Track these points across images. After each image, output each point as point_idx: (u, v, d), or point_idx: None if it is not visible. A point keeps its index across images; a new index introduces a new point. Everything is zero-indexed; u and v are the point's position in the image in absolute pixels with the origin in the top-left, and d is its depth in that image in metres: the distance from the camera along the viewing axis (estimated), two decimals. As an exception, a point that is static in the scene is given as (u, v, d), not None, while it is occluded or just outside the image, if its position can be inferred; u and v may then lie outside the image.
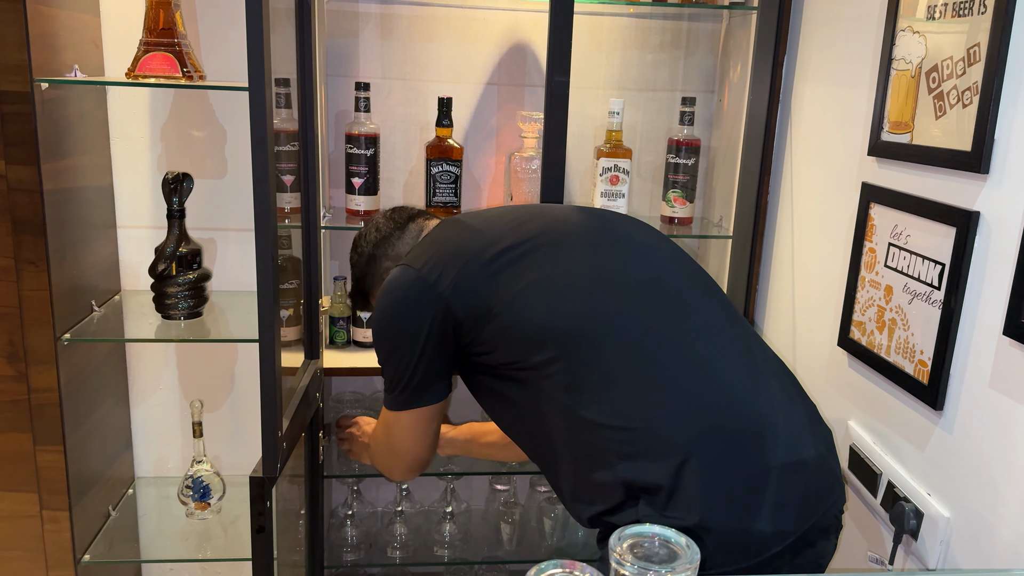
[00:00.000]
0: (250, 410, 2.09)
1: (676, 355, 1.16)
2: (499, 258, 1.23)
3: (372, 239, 1.49)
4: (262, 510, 1.37)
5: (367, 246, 1.49)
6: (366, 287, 1.51)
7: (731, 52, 1.99)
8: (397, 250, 1.45)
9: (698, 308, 1.25)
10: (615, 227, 1.34)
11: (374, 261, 1.48)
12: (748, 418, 1.12)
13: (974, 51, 1.16)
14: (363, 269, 1.50)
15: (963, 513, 1.18)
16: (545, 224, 1.30)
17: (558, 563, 0.73)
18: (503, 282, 1.22)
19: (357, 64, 1.98)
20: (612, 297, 1.21)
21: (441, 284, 1.23)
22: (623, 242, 1.31)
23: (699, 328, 1.21)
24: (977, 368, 1.15)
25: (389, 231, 1.48)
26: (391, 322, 1.29)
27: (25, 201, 1.53)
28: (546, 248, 1.25)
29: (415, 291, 1.25)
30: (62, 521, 1.69)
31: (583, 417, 1.14)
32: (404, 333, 1.26)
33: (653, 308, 1.21)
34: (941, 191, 1.24)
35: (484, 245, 1.26)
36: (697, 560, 0.76)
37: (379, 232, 1.48)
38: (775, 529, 1.08)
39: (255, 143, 1.24)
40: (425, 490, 2.25)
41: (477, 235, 1.29)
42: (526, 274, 1.22)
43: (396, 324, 1.28)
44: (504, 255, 1.24)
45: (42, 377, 1.62)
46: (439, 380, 1.31)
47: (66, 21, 1.63)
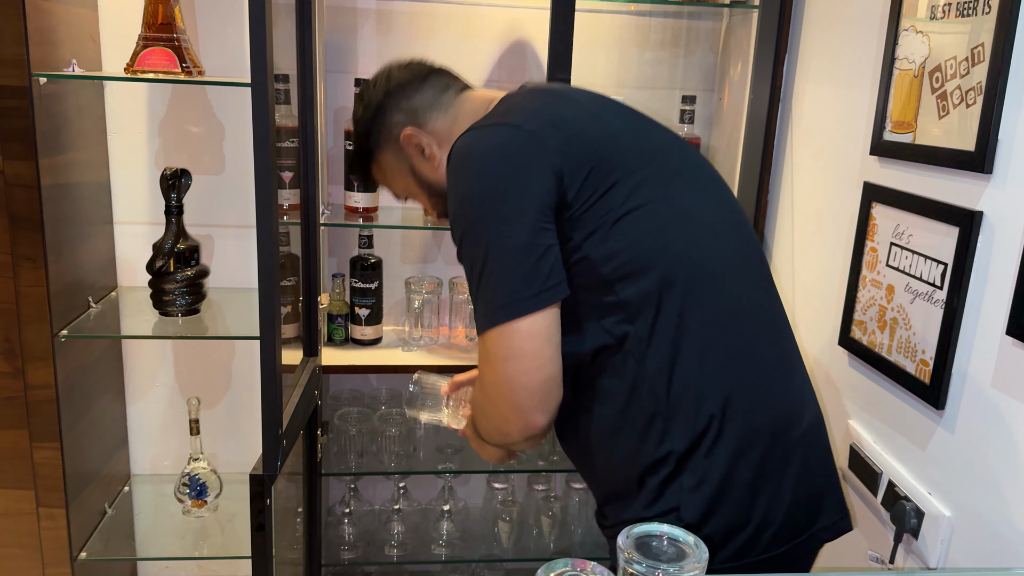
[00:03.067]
0: (247, 408, 2.08)
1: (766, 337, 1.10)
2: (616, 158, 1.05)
3: (383, 87, 1.24)
4: (262, 508, 1.37)
5: (377, 94, 1.24)
6: (370, 146, 1.27)
7: (731, 50, 1.99)
8: (414, 102, 1.22)
9: (774, 293, 1.17)
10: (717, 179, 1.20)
11: (383, 112, 1.23)
12: (805, 423, 1.11)
13: (978, 51, 1.16)
14: (368, 124, 1.25)
15: (964, 512, 1.18)
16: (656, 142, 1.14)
17: (568, 561, 0.72)
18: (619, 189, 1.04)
19: (356, 60, 1.97)
20: (723, 256, 1.09)
21: (554, 141, 1.03)
22: (727, 197, 1.18)
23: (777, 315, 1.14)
24: (980, 368, 1.15)
25: (406, 80, 1.24)
26: (502, 192, 1.01)
27: (22, 197, 1.52)
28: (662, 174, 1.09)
29: (531, 150, 1.02)
30: (59, 518, 1.68)
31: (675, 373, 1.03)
32: (524, 203, 1.00)
33: (751, 281, 1.12)
34: (944, 191, 1.24)
35: (601, 135, 1.07)
36: (705, 559, 0.75)
37: (391, 80, 1.24)
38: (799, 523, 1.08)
39: (257, 139, 1.23)
40: (423, 488, 2.25)
41: (591, 119, 1.10)
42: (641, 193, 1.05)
43: (512, 192, 1.00)
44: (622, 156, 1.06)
45: (39, 374, 1.61)
46: (562, 267, 1.03)
47: (64, 15, 1.62)
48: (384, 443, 2.00)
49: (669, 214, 1.07)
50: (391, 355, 1.95)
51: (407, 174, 1.26)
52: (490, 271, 1.00)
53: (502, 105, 1.15)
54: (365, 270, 1.96)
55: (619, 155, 1.06)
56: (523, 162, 1.02)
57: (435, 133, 1.22)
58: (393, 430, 1.99)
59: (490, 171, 1.03)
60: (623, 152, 1.07)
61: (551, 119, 1.06)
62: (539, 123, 1.05)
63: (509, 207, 1.00)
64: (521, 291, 0.99)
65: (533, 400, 1.02)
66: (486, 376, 1.04)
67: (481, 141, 1.05)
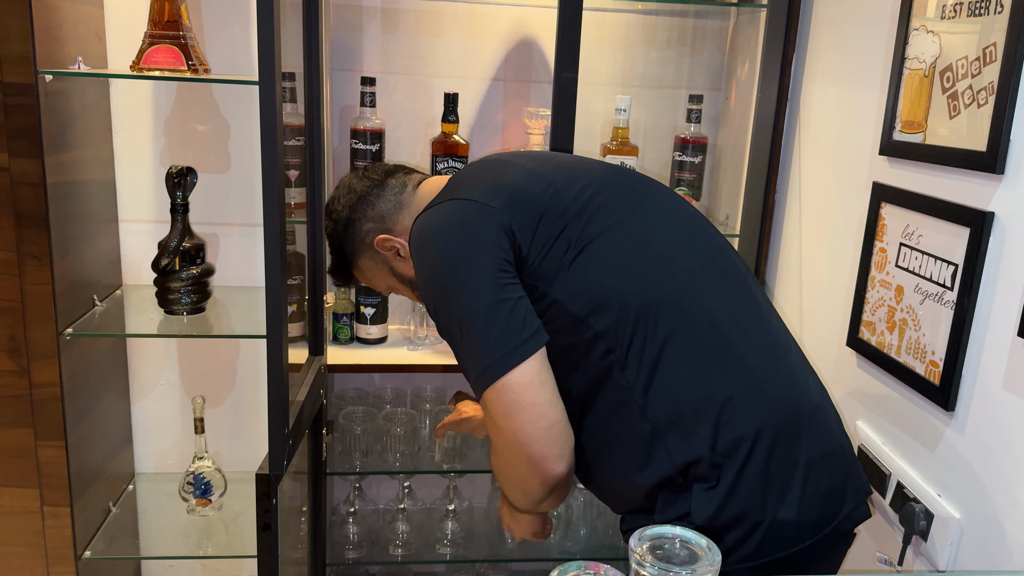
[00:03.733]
0: (251, 406, 2.07)
1: (746, 334, 1.11)
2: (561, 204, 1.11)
3: (346, 202, 1.33)
4: (268, 507, 1.36)
5: (343, 209, 1.33)
6: (347, 255, 1.36)
7: (739, 49, 1.98)
8: (379, 209, 1.30)
9: (750, 289, 1.17)
10: (667, 195, 1.23)
11: (352, 225, 1.32)
12: (806, 407, 1.11)
13: (990, 51, 1.15)
14: (340, 237, 1.34)
15: (974, 514, 1.18)
16: (597, 178, 1.18)
17: (581, 564, 0.72)
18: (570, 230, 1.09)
19: (361, 58, 1.96)
20: (685, 267, 1.12)
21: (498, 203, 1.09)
22: (679, 211, 1.20)
23: (756, 309, 1.15)
24: (990, 369, 1.15)
25: (366, 189, 1.32)
26: (460, 259, 1.07)
27: (28, 195, 1.52)
28: (607, 206, 1.13)
29: (480, 216, 1.09)
30: (63, 517, 1.68)
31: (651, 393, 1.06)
32: (482, 266, 1.05)
33: (719, 285, 1.13)
34: (954, 191, 1.23)
35: (541, 188, 1.13)
36: (718, 562, 0.75)
37: (353, 192, 1.33)
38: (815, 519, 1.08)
39: (265, 137, 1.23)
40: (427, 488, 2.24)
41: (529, 176, 1.15)
42: (592, 228, 1.10)
43: (468, 257, 1.06)
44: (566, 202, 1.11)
45: (44, 372, 1.61)
46: (534, 315, 1.07)
47: (70, 13, 1.61)
48: (389, 442, 2.00)
49: (624, 240, 1.11)
50: (396, 354, 1.95)
51: (387, 274, 1.34)
52: (468, 337, 1.05)
53: (447, 187, 1.22)
54: (370, 269, 1.95)
55: (562, 202, 1.12)
56: (474, 228, 1.09)
57: (403, 233, 1.28)
58: (398, 429, 1.99)
59: (445, 243, 1.09)
60: (564, 199, 1.12)
61: (492, 186, 1.14)
62: (481, 191, 1.12)
63: (469, 272, 1.06)
64: (501, 347, 1.03)
65: (544, 448, 1.04)
66: (496, 439, 1.08)
67: (432, 220, 1.13)
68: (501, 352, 1.03)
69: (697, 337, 1.07)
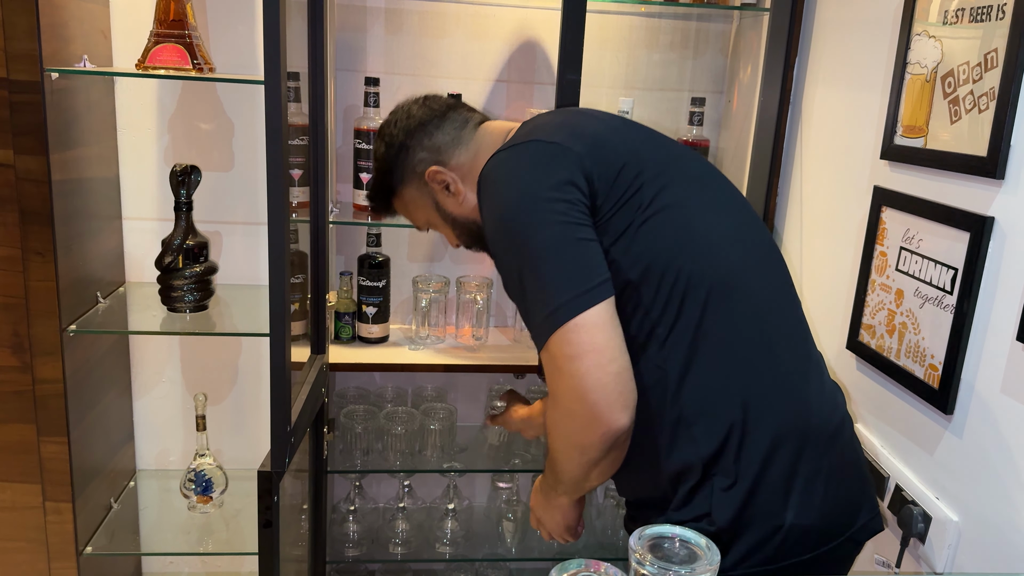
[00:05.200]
0: (253, 404, 2.08)
1: (785, 339, 1.11)
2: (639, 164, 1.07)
3: (404, 127, 1.27)
4: (270, 504, 1.37)
5: (399, 134, 1.27)
6: (392, 182, 1.30)
7: (741, 53, 1.99)
8: (436, 140, 1.25)
9: (793, 294, 1.17)
10: (729, 187, 1.21)
11: (405, 152, 1.26)
12: (834, 418, 1.12)
13: (991, 57, 1.16)
14: (390, 162, 1.28)
15: (972, 517, 1.19)
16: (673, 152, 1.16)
17: (581, 562, 0.73)
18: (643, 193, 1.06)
19: (365, 59, 1.97)
20: (740, 261, 1.10)
21: (582, 148, 1.05)
22: (740, 205, 1.19)
23: (796, 315, 1.15)
24: (989, 373, 1.15)
25: (426, 118, 1.27)
26: (537, 197, 1.02)
27: (33, 191, 1.53)
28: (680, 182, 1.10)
29: (561, 157, 1.05)
30: (65, 513, 1.69)
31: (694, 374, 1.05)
32: (559, 205, 1.01)
33: (768, 286, 1.12)
34: (955, 196, 1.24)
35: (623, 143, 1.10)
36: (717, 561, 0.76)
37: (412, 119, 1.27)
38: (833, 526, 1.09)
39: (270, 137, 1.23)
40: (427, 487, 2.25)
41: (612, 130, 1.13)
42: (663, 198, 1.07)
43: (546, 195, 1.02)
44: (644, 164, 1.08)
45: (47, 368, 1.61)
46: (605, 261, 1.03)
47: (75, 11, 1.62)
48: (390, 441, 2.00)
49: (692, 218, 1.08)
50: (398, 353, 1.95)
51: (431, 208, 1.30)
52: (539, 276, 1.00)
53: (523, 129, 1.18)
54: (373, 268, 1.96)
55: (642, 162, 1.08)
56: (554, 167, 1.04)
57: (458, 168, 1.25)
58: (399, 428, 2.00)
59: (523, 181, 1.05)
60: (645, 159, 1.09)
61: (574, 131, 1.09)
62: (564, 135, 1.08)
63: (546, 210, 1.01)
64: (579, 286, 0.98)
65: (610, 396, 0.98)
66: (558, 385, 1.01)
67: (510, 157, 1.08)
68: (575, 292, 0.98)
69: (740, 334, 1.06)
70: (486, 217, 1.09)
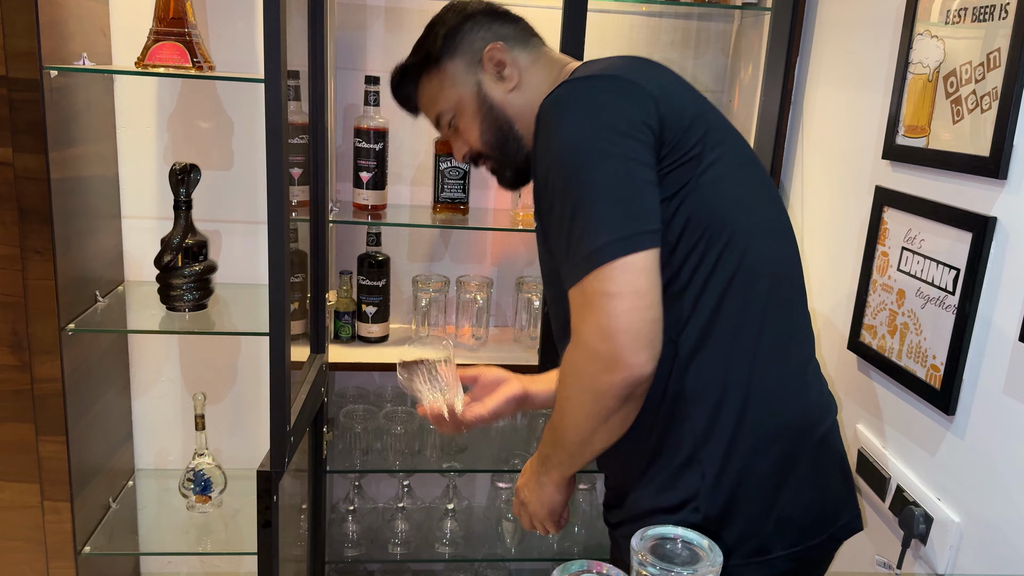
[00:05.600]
0: (252, 404, 2.08)
1: (800, 333, 1.12)
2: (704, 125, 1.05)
3: (476, 6, 1.23)
4: (269, 504, 1.37)
5: (471, 6, 1.23)
6: (438, 50, 1.21)
7: (742, 52, 1.99)
8: (504, 30, 1.22)
9: (805, 290, 1.18)
10: (768, 176, 1.19)
11: (473, 24, 1.21)
12: (828, 415, 1.14)
13: (994, 56, 1.16)
14: (449, 26, 1.21)
15: (974, 518, 1.18)
16: (726, 123, 1.13)
17: (584, 563, 0.72)
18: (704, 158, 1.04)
19: (365, 57, 1.97)
20: (778, 247, 1.11)
21: (657, 92, 1.02)
22: (777, 195, 1.17)
23: (806, 311, 1.16)
24: (991, 374, 1.15)
25: (499, 10, 1.24)
26: (606, 128, 0.98)
27: (32, 190, 1.52)
28: (732, 156, 1.08)
29: (639, 96, 1.01)
30: (63, 512, 1.68)
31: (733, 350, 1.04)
32: (628, 141, 0.98)
33: (795, 277, 1.13)
34: (957, 196, 1.23)
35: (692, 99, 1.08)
36: (720, 563, 0.75)
37: (484, 5, 1.24)
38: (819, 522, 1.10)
39: (270, 136, 1.23)
40: (427, 487, 2.25)
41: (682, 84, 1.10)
42: (717, 169, 1.05)
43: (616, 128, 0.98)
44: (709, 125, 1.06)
45: (46, 367, 1.61)
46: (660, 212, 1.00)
47: (74, 8, 1.62)
48: (389, 441, 2.00)
49: (740, 197, 1.07)
50: (398, 353, 1.94)
51: (469, 90, 1.21)
52: (598, 208, 0.96)
53: (592, 64, 1.12)
54: (373, 268, 1.95)
55: (707, 123, 1.06)
56: (632, 106, 1.00)
57: (515, 63, 1.20)
58: (398, 428, 1.99)
59: (600, 112, 1.00)
60: (710, 122, 1.06)
61: (651, 77, 1.05)
62: (642, 77, 1.04)
63: (621, 146, 0.97)
64: (634, 227, 0.95)
65: (640, 341, 0.94)
66: (587, 323, 0.97)
67: (588, 87, 1.03)
68: (630, 232, 0.95)
69: (760, 323, 1.06)
70: (550, 139, 1.02)
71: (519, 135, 1.20)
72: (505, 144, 1.21)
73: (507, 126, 1.20)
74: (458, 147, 1.27)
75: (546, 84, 1.18)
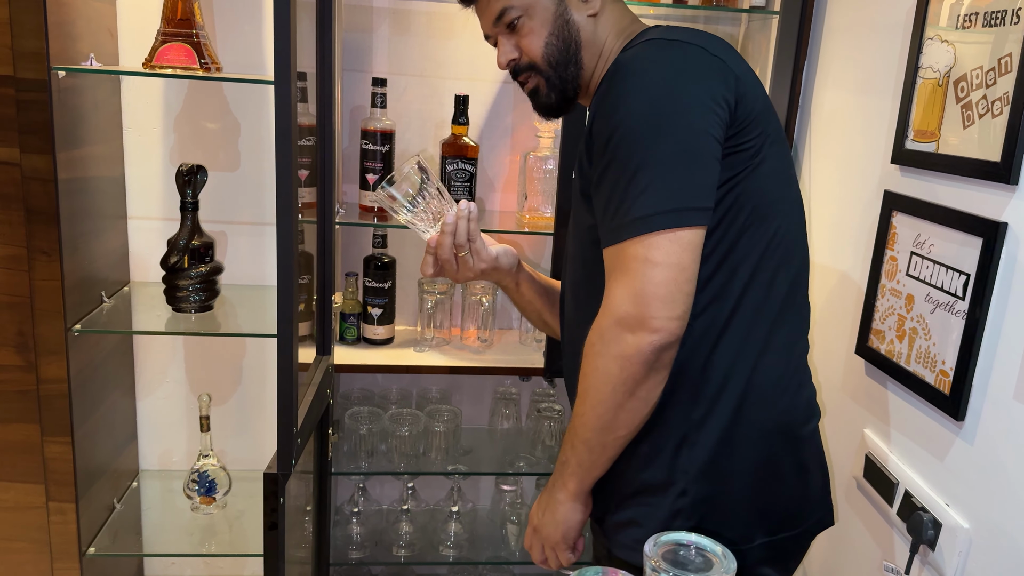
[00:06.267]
0: (257, 405, 2.07)
1: (807, 333, 1.18)
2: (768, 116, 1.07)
3: None
4: (275, 506, 1.36)
5: None
6: None
7: (749, 56, 1.98)
8: None
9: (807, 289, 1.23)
10: None
11: None
12: (817, 413, 1.20)
13: (1005, 61, 1.15)
14: None
15: (983, 524, 1.18)
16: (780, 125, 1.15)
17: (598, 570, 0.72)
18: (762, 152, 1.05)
19: (371, 59, 1.96)
20: (805, 244, 1.16)
21: (738, 70, 1.02)
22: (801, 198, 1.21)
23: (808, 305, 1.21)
24: (1001, 379, 1.15)
25: None
26: (685, 97, 0.97)
27: (39, 190, 1.52)
28: (783, 153, 1.11)
29: (722, 73, 1.01)
30: (68, 513, 1.68)
31: None
32: (703, 115, 0.97)
33: (806, 276, 1.17)
34: (967, 201, 1.23)
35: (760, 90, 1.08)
36: (733, 569, 0.75)
37: None
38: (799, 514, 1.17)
39: (280, 137, 1.23)
40: (431, 489, 2.24)
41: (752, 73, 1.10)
42: (771, 164, 1.06)
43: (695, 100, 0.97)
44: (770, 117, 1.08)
45: (51, 368, 1.61)
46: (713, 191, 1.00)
47: (82, 9, 1.62)
48: (394, 443, 2.00)
49: (783, 192, 1.08)
50: (403, 355, 1.95)
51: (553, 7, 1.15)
52: (661, 175, 0.95)
53: (673, 29, 1.09)
54: (379, 269, 1.95)
55: (768, 116, 1.07)
56: (715, 81, 0.99)
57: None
58: (403, 430, 1.99)
59: (684, 78, 0.98)
60: (771, 116, 1.07)
61: (733, 56, 1.05)
62: (724, 53, 1.03)
63: (699, 117, 0.97)
64: (693, 201, 0.95)
65: (673, 310, 0.95)
66: (620, 287, 0.97)
67: (673, 51, 1.01)
68: (688, 205, 0.95)
69: (778, 316, 1.09)
70: (622, 96, 0.99)
71: (581, 61, 1.17)
72: (566, 65, 1.17)
73: (575, 47, 1.16)
74: (506, 50, 1.20)
75: (619, 26, 1.17)
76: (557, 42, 1.15)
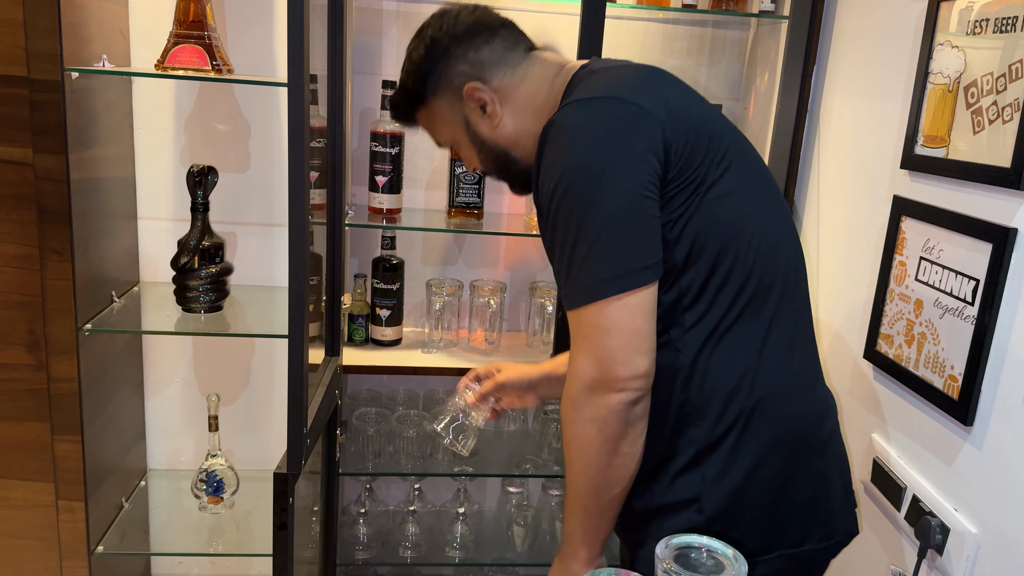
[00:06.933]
0: (265, 405, 2.08)
1: (804, 340, 1.13)
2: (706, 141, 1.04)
3: (451, 31, 1.16)
4: (285, 506, 1.37)
5: (443, 38, 1.16)
6: (424, 91, 1.18)
7: (758, 60, 1.99)
8: (482, 55, 1.16)
9: (809, 297, 1.17)
10: (774, 183, 1.18)
11: (447, 60, 1.16)
12: (832, 422, 1.16)
13: (1016, 67, 1.16)
14: (426, 67, 1.17)
15: (991, 529, 1.18)
16: (734, 134, 1.12)
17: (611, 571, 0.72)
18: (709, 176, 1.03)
19: (381, 62, 1.97)
20: (784, 260, 1.11)
21: (663, 115, 1.00)
22: (782, 203, 1.16)
23: (810, 317, 1.16)
24: (1010, 384, 1.15)
25: (475, 28, 1.17)
26: (611, 161, 0.97)
27: (51, 190, 1.53)
28: (739, 169, 1.07)
29: (643, 122, 0.99)
30: (77, 511, 1.69)
31: None
32: (633, 174, 0.97)
33: (800, 287, 1.13)
34: (977, 206, 1.23)
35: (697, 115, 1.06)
36: (744, 572, 0.75)
37: (461, 26, 1.17)
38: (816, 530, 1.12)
39: (292, 140, 1.24)
40: (437, 491, 2.25)
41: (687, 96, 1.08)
42: (723, 184, 1.04)
43: (621, 161, 0.97)
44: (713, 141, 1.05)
45: (62, 367, 1.62)
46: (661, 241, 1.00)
47: (95, 11, 1.63)
48: (401, 444, 2.00)
49: (749, 211, 1.07)
50: (411, 356, 1.95)
51: (459, 125, 1.21)
52: (599, 241, 0.96)
53: (593, 79, 1.10)
54: (387, 271, 1.96)
55: (712, 138, 1.05)
56: (636, 134, 0.99)
57: (499, 90, 1.17)
58: (411, 431, 1.99)
59: (603, 141, 0.99)
60: (716, 136, 1.06)
61: (655, 94, 1.04)
62: (646, 97, 1.02)
63: (624, 178, 0.97)
64: (635, 263, 0.96)
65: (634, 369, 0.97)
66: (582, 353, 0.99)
67: (590, 112, 1.02)
68: (630, 268, 0.96)
69: (771, 332, 1.07)
70: (551, 165, 1.01)
71: (516, 158, 1.20)
72: (506, 167, 1.22)
73: (503, 154, 1.20)
74: (466, 160, 1.27)
75: (541, 95, 1.16)
76: (487, 158, 1.22)
